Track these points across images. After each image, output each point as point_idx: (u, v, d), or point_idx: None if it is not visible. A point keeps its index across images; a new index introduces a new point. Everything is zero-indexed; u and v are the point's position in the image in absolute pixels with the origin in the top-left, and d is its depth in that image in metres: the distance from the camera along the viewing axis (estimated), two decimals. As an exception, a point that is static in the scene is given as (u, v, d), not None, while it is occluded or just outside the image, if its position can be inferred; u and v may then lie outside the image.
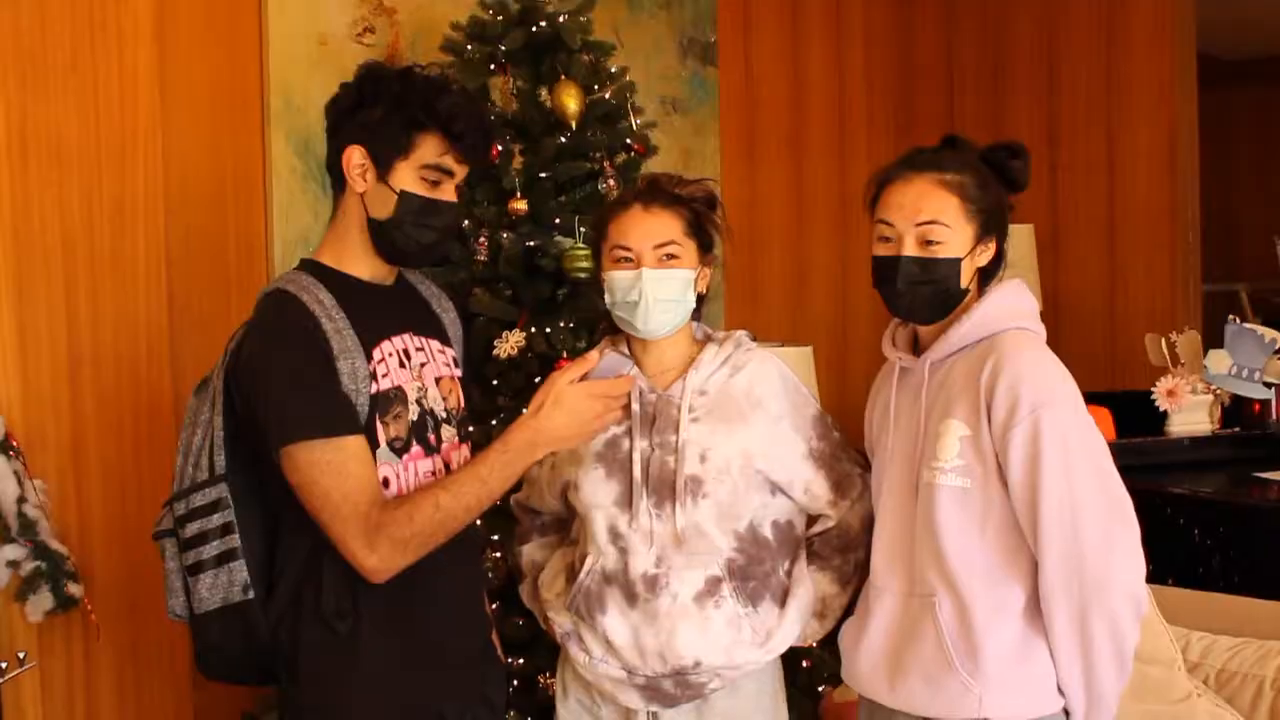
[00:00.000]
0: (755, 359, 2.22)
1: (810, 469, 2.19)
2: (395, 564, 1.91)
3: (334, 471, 1.88)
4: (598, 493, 2.16)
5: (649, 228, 2.14)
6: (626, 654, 2.14)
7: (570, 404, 1.96)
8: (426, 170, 1.98)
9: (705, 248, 2.20)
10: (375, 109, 1.98)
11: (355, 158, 1.99)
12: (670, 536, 2.12)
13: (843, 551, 2.21)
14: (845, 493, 2.20)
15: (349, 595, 1.94)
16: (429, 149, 1.98)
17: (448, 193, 2.02)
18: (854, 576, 2.20)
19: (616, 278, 2.15)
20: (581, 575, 2.17)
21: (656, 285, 2.12)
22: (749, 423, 2.16)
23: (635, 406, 2.16)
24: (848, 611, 2.21)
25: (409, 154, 1.97)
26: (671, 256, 2.13)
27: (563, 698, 2.29)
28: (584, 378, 1.99)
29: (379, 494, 1.92)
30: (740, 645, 2.13)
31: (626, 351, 2.22)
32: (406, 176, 1.98)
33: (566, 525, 2.35)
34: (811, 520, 2.25)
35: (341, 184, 2.03)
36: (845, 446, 2.24)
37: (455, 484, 1.94)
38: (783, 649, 2.19)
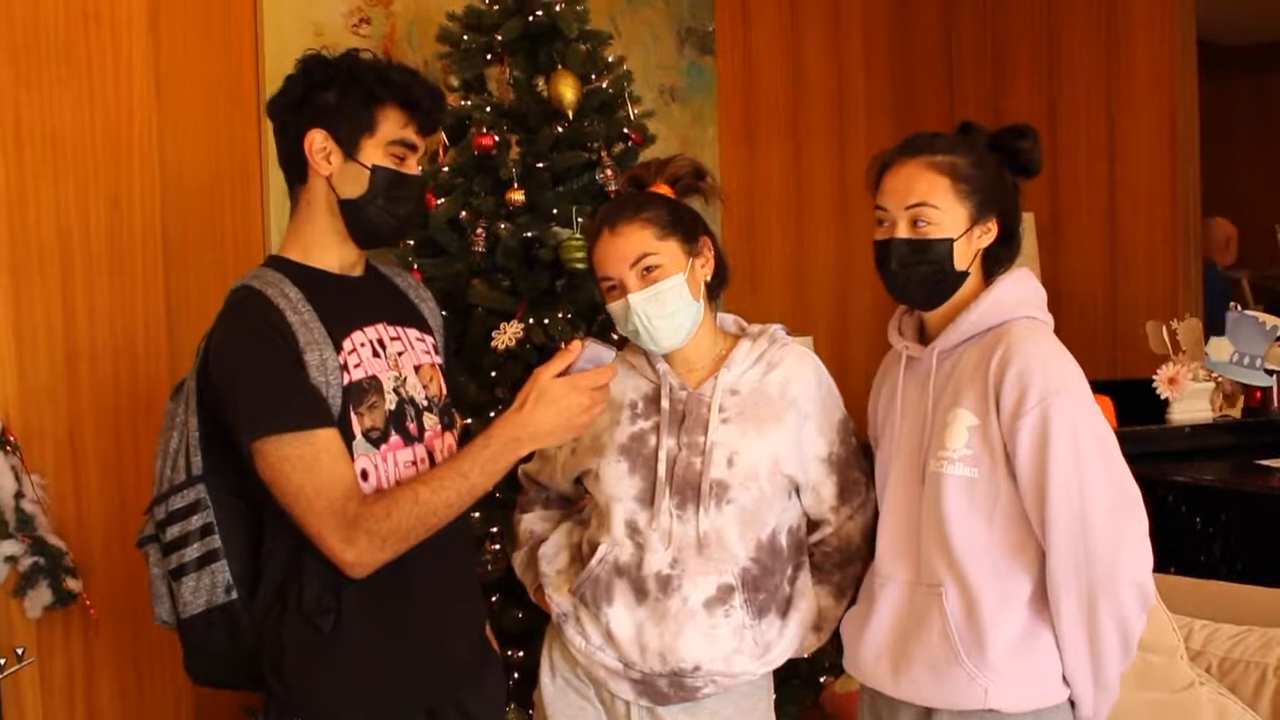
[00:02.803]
0: (792, 355, 2.18)
1: (823, 472, 2.17)
2: (374, 559, 1.87)
3: (305, 466, 1.85)
4: (620, 486, 2.13)
5: (618, 250, 2.09)
6: (627, 648, 2.11)
7: (554, 399, 1.92)
8: (394, 146, 1.97)
9: (689, 239, 2.14)
10: (328, 92, 1.96)
11: (317, 141, 1.97)
12: (689, 539, 2.09)
13: (842, 566, 2.19)
14: (849, 499, 2.18)
15: (332, 592, 1.91)
16: (392, 124, 1.97)
17: (412, 167, 2.01)
18: (850, 590, 2.18)
19: (614, 310, 2.13)
20: (593, 563, 2.14)
21: (646, 306, 2.09)
22: (782, 422, 2.12)
23: (665, 404, 2.13)
24: (850, 600, 2.19)
25: (374, 130, 1.96)
26: (652, 269, 2.09)
27: (550, 675, 2.24)
28: (567, 370, 1.95)
29: (355, 487, 1.88)
30: (740, 655, 2.11)
31: (613, 349, 2.18)
32: (376, 153, 1.97)
33: (571, 502, 2.33)
34: (811, 528, 2.22)
35: (300, 175, 2.01)
36: (859, 453, 2.21)
37: (436, 478, 1.91)
38: (780, 662, 2.16)
